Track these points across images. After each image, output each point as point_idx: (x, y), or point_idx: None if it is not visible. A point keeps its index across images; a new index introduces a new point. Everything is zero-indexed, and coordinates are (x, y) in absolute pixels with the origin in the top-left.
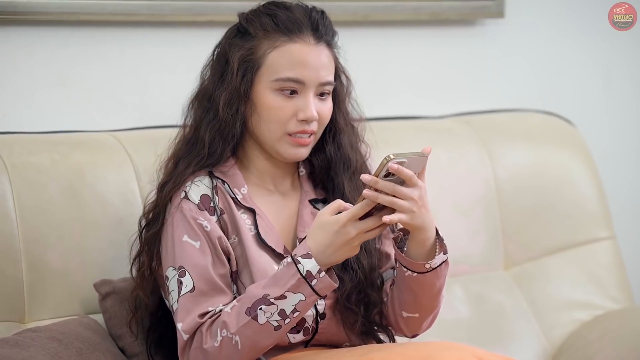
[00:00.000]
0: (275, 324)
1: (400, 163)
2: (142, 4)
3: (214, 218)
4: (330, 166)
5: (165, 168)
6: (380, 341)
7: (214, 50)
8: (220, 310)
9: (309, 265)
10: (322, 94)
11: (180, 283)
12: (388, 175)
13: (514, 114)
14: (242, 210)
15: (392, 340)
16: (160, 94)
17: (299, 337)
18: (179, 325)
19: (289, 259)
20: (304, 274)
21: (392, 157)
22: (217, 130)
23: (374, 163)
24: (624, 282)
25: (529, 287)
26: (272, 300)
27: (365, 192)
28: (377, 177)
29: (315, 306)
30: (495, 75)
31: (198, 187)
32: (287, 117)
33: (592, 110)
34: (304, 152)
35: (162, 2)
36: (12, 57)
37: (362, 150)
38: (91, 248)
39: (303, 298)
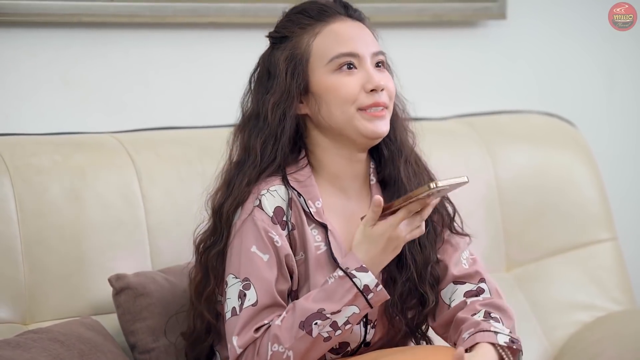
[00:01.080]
0: (326, 335)
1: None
2: (144, 5)
3: (285, 233)
4: (393, 155)
5: (215, 195)
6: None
7: (251, 78)
8: (269, 324)
9: (367, 279)
10: (377, 65)
11: (243, 295)
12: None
13: (516, 116)
14: (313, 225)
15: None
16: (163, 95)
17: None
18: (234, 339)
19: (341, 273)
20: (361, 289)
21: (434, 185)
22: (267, 134)
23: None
24: (625, 283)
25: (530, 289)
26: (328, 315)
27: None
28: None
29: (364, 334)
30: (497, 76)
31: (273, 198)
32: (355, 91)
33: (594, 111)
34: (384, 126)
35: (164, 4)
36: (14, 59)
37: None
38: (92, 249)
39: (357, 311)
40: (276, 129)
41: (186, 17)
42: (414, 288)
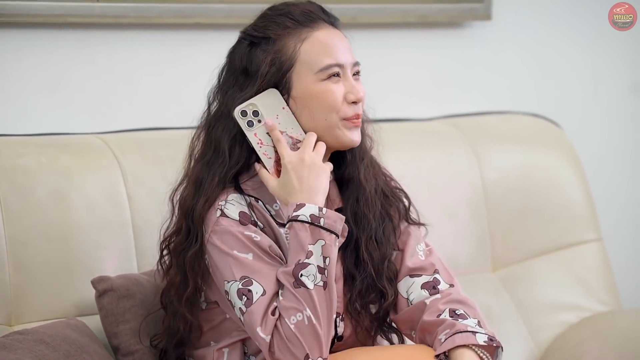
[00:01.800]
0: (321, 283)
1: None
2: (130, 6)
3: (259, 229)
4: (355, 158)
5: (183, 193)
6: (391, 342)
7: (220, 74)
8: (276, 305)
9: (308, 210)
10: (354, 75)
11: (248, 291)
12: None
13: (501, 116)
14: (279, 225)
15: (402, 341)
16: (149, 96)
17: None
18: (259, 330)
19: (289, 225)
20: (309, 221)
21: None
22: (236, 133)
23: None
24: (610, 284)
25: (516, 289)
26: (304, 261)
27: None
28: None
29: (335, 327)
30: (482, 77)
31: (234, 206)
32: (339, 100)
33: (579, 112)
34: (359, 135)
35: (150, 5)
36: (0, 60)
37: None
38: (78, 250)
39: (323, 242)
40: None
41: (172, 18)
42: (373, 283)
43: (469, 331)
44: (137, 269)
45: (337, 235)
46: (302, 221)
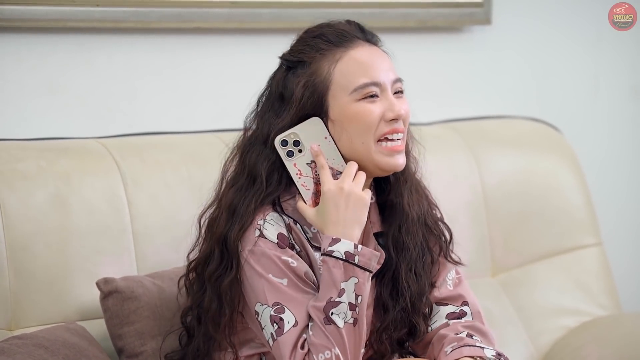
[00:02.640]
0: (351, 319)
1: None
2: (130, 10)
3: (296, 253)
4: (398, 182)
5: (214, 217)
6: None
7: (260, 98)
8: (306, 337)
9: (343, 247)
10: (396, 92)
11: (280, 319)
12: None
13: (501, 121)
14: (315, 249)
15: None
16: (148, 101)
17: None
18: None
19: (322, 258)
20: (344, 258)
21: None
22: (274, 161)
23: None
24: (611, 288)
25: (516, 294)
26: (336, 300)
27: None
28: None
29: None
30: (482, 82)
31: (273, 226)
32: (377, 120)
33: (579, 117)
34: (402, 160)
35: (150, 9)
36: None
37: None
38: (78, 255)
39: (356, 280)
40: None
41: (171, 22)
42: (406, 318)
43: (477, 346)
44: (137, 273)
45: (370, 272)
46: (337, 257)
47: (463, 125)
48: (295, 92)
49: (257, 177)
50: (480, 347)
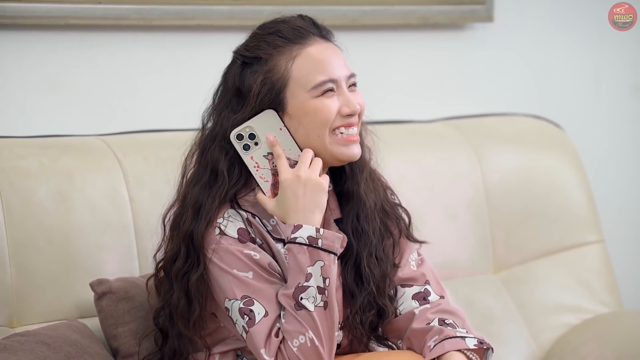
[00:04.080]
0: (321, 303)
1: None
2: (131, 8)
3: (257, 246)
4: (354, 171)
5: (178, 215)
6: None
7: (215, 94)
8: (279, 327)
9: (305, 232)
10: (350, 86)
11: (250, 311)
12: None
13: (503, 118)
14: (276, 240)
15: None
16: (150, 98)
17: None
18: (262, 352)
19: (287, 246)
20: (307, 243)
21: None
22: (232, 155)
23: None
24: (612, 285)
25: (517, 291)
26: (304, 284)
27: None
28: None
29: None
30: (484, 79)
31: (232, 223)
32: (333, 116)
33: (581, 114)
34: (358, 149)
35: (151, 6)
36: (1, 62)
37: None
38: (80, 252)
39: (322, 264)
40: None
41: (173, 19)
42: (373, 300)
43: (458, 336)
44: (139, 270)
45: (335, 255)
46: (300, 243)
47: (465, 123)
48: (253, 88)
49: (218, 173)
50: (462, 337)
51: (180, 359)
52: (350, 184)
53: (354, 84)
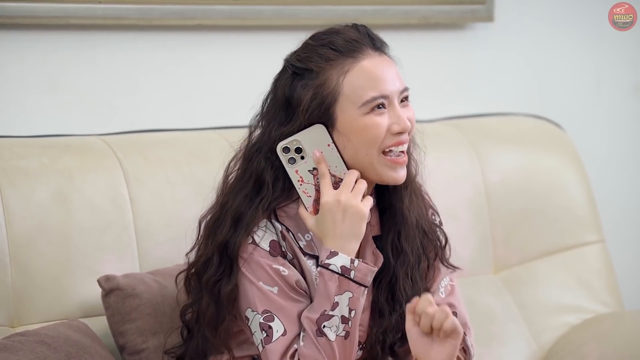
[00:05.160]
0: (342, 332)
1: None
2: (132, 7)
3: (288, 261)
4: (399, 187)
5: (216, 220)
6: None
7: (264, 101)
8: (297, 347)
9: (340, 261)
10: (402, 101)
11: (269, 327)
12: None
13: (503, 118)
14: (308, 256)
15: None
16: (150, 97)
17: None
18: None
19: (319, 270)
20: (340, 272)
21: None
22: (278, 167)
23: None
24: (613, 285)
25: (518, 291)
26: (329, 313)
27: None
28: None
29: None
30: (484, 79)
31: (265, 234)
32: (383, 134)
33: (581, 114)
34: (404, 172)
35: (152, 6)
36: (1, 61)
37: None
38: (80, 252)
39: (351, 295)
40: None
41: (173, 19)
42: (402, 322)
43: None
44: (139, 270)
45: (365, 287)
46: (333, 271)
47: (465, 123)
48: (303, 102)
49: (263, 184)
50: None
51: (203, 357)
52: (395, 199)
53: (406, 98)
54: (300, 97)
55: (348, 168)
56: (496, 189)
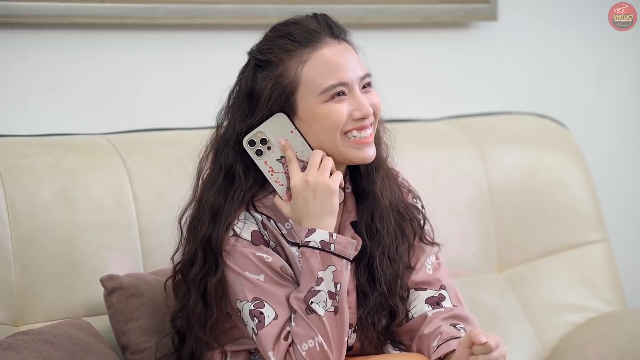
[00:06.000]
0: (332, 308)
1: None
2: (135, 6)
3: (271, 249)
4: (371, 170)
5: (195, 218)
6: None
7: (230, 94)
8: (289, 330)
9: (318, 236)
10: (364, 87)
11: (260, 314)
12: None
13: (507, 117)
14: (290, 244)
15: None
16: (154, 96)
17: None
18: (270, 354)
19: (301, 250)
20: (320, 247)
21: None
22: (248, 158)
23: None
24: (616, 284)
25: (521, 290)
26: (315, 289)
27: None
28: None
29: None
30: (488, 78)
31: (245, 224)
32: (343, 120)
33: (585, 113)
34: (371, 151)
35: (155, 5)
36: (5, 60)
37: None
38: (84, 251)
39: (334, 268)
40: None
41: (177, 18)
42: (385, 301)
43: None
44: (143, 269)
45: (348, 260)
46: (313, 247)
47: (468, 122)
48: (264, 93)
49: (234, 176)
50: None
51: None
52: (367, 182)
53: (369, 84)
54: (261, 88)
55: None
56: (499, 188)
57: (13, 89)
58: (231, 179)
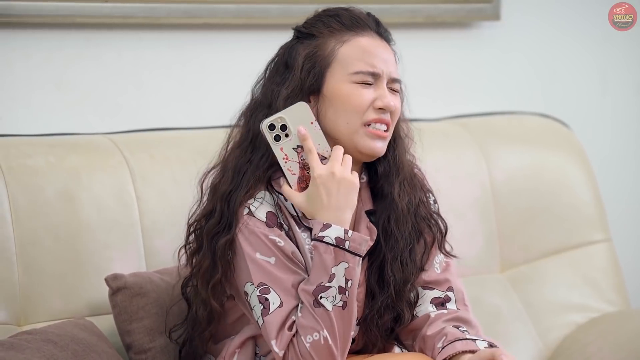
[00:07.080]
0: (340, 303)
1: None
2: (138, 6)
3: (283, 233)
4: (388, 172)
5: (219, 176)
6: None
7: (269, 64)
8: (294, 320)
9: (333, 232)
10: (391, 90)
11: (265, 300)
12: None
13: (510, 117)
14: (303, 228)
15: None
16: (157, 96)
17: None
18: (273, 343)
19: (313, 244)
20: (334, 243)
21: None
22: None
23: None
24: (619, 284)
25: (525, 290)
26: (326, 284)
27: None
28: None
29: None
30: (491, 77)
31: (262, 205)
32: (365, 105)
33: (588, 112)
34: (382, 146)
35: (158, 5)
36: (8, 60)
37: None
38: (87, 250)
39: (347, 265)
40: None
41: (179, 18)
42: (392, 304)
43: (469, 339)
44: (146, 268)
45: (360, 256)
46: (327, 243)
47: (471, 121)
48: (298, 60)
49: (260, 142)
50: (472, 339)
51: (200, 329)
52: (385, 184)
53: (397, 90)
54: (296, 58)
55: (328, 132)
56: (502, 188)
57: (16, 89)
58: (255, 145)
